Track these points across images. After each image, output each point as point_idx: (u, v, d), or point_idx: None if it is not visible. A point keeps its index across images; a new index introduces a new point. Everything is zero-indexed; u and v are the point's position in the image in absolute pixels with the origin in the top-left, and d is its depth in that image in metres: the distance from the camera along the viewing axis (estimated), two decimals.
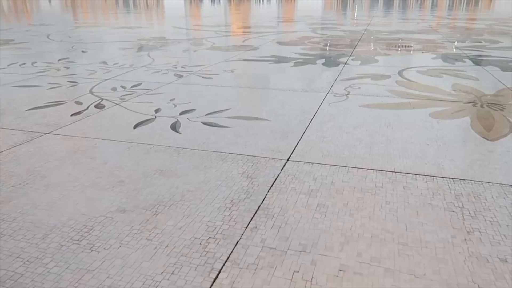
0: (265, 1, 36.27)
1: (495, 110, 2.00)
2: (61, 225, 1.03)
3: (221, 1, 39.12)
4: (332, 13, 13.33)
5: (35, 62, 3.46)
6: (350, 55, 3.76)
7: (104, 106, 2.11)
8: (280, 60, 3.57)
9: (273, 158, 1.44)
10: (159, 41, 5.08)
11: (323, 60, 3.51)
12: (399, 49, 4.37)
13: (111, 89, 2.50)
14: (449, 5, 19.71)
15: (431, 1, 27.89)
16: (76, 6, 24.73)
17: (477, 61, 3.43)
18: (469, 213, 1.08)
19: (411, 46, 4.52)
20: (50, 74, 3.01)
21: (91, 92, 2.42)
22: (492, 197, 1.17)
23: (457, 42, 4.80)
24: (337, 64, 3.30)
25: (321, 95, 2.31)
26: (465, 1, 25.50)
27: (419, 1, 26.53)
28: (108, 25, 8.42)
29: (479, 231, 1.00)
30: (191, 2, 33.36)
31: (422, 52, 4.01)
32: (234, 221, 1.05)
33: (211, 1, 40.83)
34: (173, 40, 5.16)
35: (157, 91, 2.45)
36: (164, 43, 4.84)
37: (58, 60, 3.60)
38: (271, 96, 2.37)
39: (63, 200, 1.16)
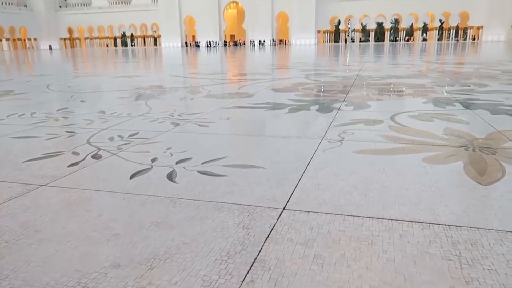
0: (259, 47, 37.51)
1: (487, 154, 2.03)
2: (54, 283, 1.01)
3: (217, 48, 40.45)
4: (324, 59, 13.78)
5: (34, 113, 3.52)
6: (343, 101, 3.86)
7: (101, 156, 2.13)
8: (275, 106, 3.65)
9: (269, 207, 1.44)
10: (156, 89, 5.20)
11: (317, 106, 3.59)
12: (391, 94, 4.49)
13: (109, 138, 2.53)
14: (437, 50, 20.45)
15: (420, 46, 28.96)
16: (76, 55, 25.48)
17: (467, 104, 3.52)
18: (467, 262, 1.07)
19: (402, 91, 4.64)
20: (49, 124, 3.05)
21: (88, 142, 2.45)
22: (489, 244, 1.16)
23: (447, 86, 4.95)
24: (330, 110, 3.37)
25: (315, 142, 2.35)
26: (452, 46, 26.50)
27: (408, 47, 27.54)
28: (107, 74, 8.64)
29: (478, 281, 0.99)
30: (188, 50, 34.46)
31: (413, 97, 4.12)
32: (230, 274, 1.03)
33: (207, 48, 42.23)
34: (170, 88, 5.29)
35: (154, 140, 2.48)
36: (161, 92, 4.95)
37: (57, 110, 3.66)
38: (266, 143, 2.40)
39: (57, 255, 1.15)
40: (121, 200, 1.55)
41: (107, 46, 64.72)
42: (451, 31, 52.65)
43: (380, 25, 57.37)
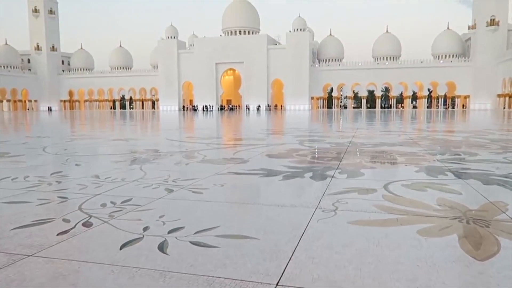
0: (255, 112, 38.56)
1: (481, 226, 2.02)
2: None
3: (213, 112, 41.48)
4: (318, 125, 14.12)
5: (28, 177, 3.51)
6: (337, 168, 3.90)
7: (92, 224, 2.10)
8: (269, 173, 3.68)
9: (261, 283, 1.40)
10: (152, 153, 5.24)
11: (310, 174, 3.61)
12: (384, 162, 4.55)
13: (101, 205, 2.50)
14: (426, 117, 21.11)
15: (410, 113, 29.93)
16: (75, 117, 25.96)
17: (458, 174, 3.57)
18: None
19: (394, 159, 4.72)
20: (41, 189, 3.03)
21: (80, 208, 2.42)
22: None
23: (438, 154, 5.04)
24: (324, 178, 3.40)
25: (309, 211, 2.34)
26: (441, 114, 27.40)
27: (398, 114, 28.46)
28: (104, 137, 8.75)
29: None
30: (185, 113, 35.31)
31: (406, 165, 4.18)
32: None
33: (204, 112, 43.30)
34: (166, 153, 5.34)
35: (147, 207, 2.46)
36: (157, 156, 4.99)
37: (51, 174, 3.66)
38: (260, 211, 2.39)
39: None
40: (109, 273, 1.50)
41: (111, 108, 66.13)
42: (440, 99, 54.75)
43: (371, 92, 59.67)
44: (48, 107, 63.94)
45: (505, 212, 2.30)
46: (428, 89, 56.53)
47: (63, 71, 67.88)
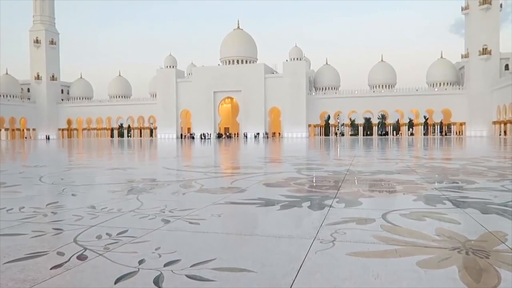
0: (252, 140, 38.67)
1: (481, 257, 2.00)
2: None
3: (211, 140, 41.56)
4: (315, 153, 14.14)
5: (23, 207, 3.47)
6: (335, 197, 3.88)
7: (86, 257, 2.06)
8: (267, 203, 3.65)
9: None
10: (149, 183, 5.22)
11: (308, 203, 3.60)
12: (382, 190, 4.54)
13: (96, 237, 2.47)
14: (423, 145, 21.21)
15: (406, 141, 30.09)
16: (73, 145, 25.95)
17: (457, 203, 3.56)
18: None
19: (392, 187, 4.71)
20: (36, 220, 3.00)
21: (75, 240, 2.39)
22: None
23: (436, 182, 5.04)
24: (322, 207, 3.38)
25: (307, 242, 2.31)
26: (438, 141, 27.56)
27: (395, 141, 28.61)
28: (102, 166, 8.72)
29: None
30: (182, 141, 35.37)
31: (403, 194, 4.17)
32: None
33: (202, 140, 43.38)
34: (163, 182, 5.32)
35: (143, 238, 2.43)
36: (154, 185, 4.96)
37: (47, 205, 3.62)
38: (257, 243, 2.36)
39: None
40: None
41: (111, 136, 66.23)
42: (436, 126, 55.19)
43: (368, 120, 60.16)
44: (46, 136, 64.03)
45: (505, 243, 2.28)
46: (424, 116, 57.09)
47: (62, 100, 68.40)
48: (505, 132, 44.63)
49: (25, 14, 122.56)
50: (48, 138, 60.94)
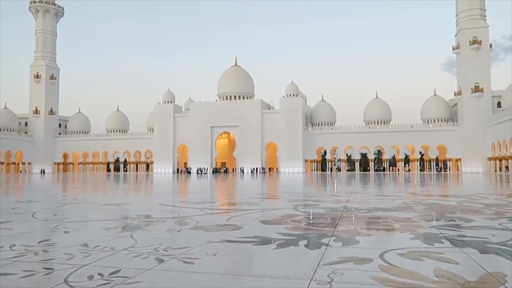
0: (249, 175, 38.49)
1: None
2: None
3: (208, 175, 41.34)
4: (312, 189, 14.07)
5: (14, 245, 3.40)
6: (332, 235, 3.83)
7: None
8: (263, 241, 3.60)
9: None
10: (144, 219, 5.15)
11: (305, 241, 3.54)
12: (379, 228, 4.49)
13: (88, 277, 2.41)
14: (420, 181, 21.19)
15: (403, 177, 30.07)
16: (68, 180, 25.69)
17: (454, 242, 3.52)
18: None
19: (390, 225, 4.66)
20: (27, 259, 2.93)
21: (65, 281, 2.32)
22: None
23: (433, 220, 5.00)
24: (319, 246, 3.33)
25: (304, 283, 2.26)
26: (434, 177, 27.55)
27: (392, 177, 28.57)
28: (96, 201, 8.62)
29: None
30: (179, 176, 35.14)
31: (401, 232, 4.13)
32: None
33: (198, 175, 43.14)
34: (158, 219, 5.24)
35: (136, 279, 2.37)
36: (148, 222, 4.89)
37: (38, 243, 3.55)
38: (252, 284, 2.31)
39: None
40: None
41: (107, 170, 65.90)
42: (432, 162, 55.37)
43: (364, 155, 60.35)
44: (41, 170, 63.63)
45: (504, 284, 2.24)
46: (420, 152, 57.41)
47: (60, 134, 68.51)
48: (500, 168, 44.86)
49: (26, 50, 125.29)
50: (43, 172, 60.50)
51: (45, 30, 67.65)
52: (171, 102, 63.96)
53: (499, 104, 50.67)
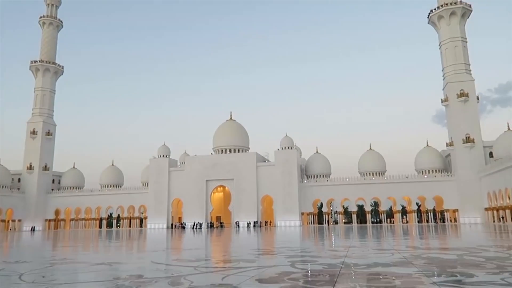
0: (245, 229, 37.62)
1: None
2: None
3: (203, 230, 40.38)
4: (309, 243, 13.76)
5: None
6: None
7: None
8: None
9: None
10: (135, 280, 4.96)
11: None
12: (379, 286, 4.36)
13: None
14: (418, 233, 20.84)
15: (401, 229, 29.59)
16: (59, 238, 24.96)
17: None
18: None
19: (390, 283, 4.53)
20: None
21: None
22: None
23: (434, 276, 4.87)
24: None
25: None
26: (433, 229, 27.14)
27: (390, 229, 28.08)
28: (87, 260, 8.32)
29: None
30: (173, 232, 34.29)
31: None
32: None
33: (193, 230, 42.13)
34: (150, 279, 5.06)
35: None
36: (140, 283, 4.71)
37: None
38: None
39: None
40: None
41: (99, 227, 64.39)
42: (429, 213, 54.84)
43: (361, 207, 59.76)
44: (32, 227, 62.04)
45: None
46: (417, 203, 57.07)
47: (52, 189, 67.66)
48: (498, 218, 44.41)
49: (21, 106, 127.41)
50: (33, 230, 58.94)
51: (44, 88, 69.24)
52: (166, 156, 64.11)
53: (491, 154, 51.29)
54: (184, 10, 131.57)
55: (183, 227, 55.38)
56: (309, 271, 5.64)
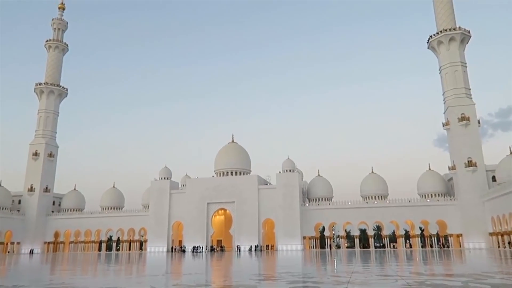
0: (246, 253, 37.09)
1: None
2: None
3: (203, 253, 39.78)
4: (311, 268, 13.53)
5: None
6: None
7: None
8: None
9: None
10: None
11: None
12: None
13: None
14: (422, 258, 20.50)
15: (404, 254, 29.12)
16: (57, 261, 24.61)
17: None
18: None
19: None
20: None
21: None
22: None
23: None
24: None
25: None
26: (437, 254, 26.71)
27: (393, 254, 27.64)
28: (85, 285, 8.20)
29: None
30: (173, 255, 33.81)
31: None
32: None
33: (194, 253, 41.49)
34: None
35: None
36: None
37: None
38: None
39: None
40: None
41: (99, 250, 63.59)
42: (433, 238, 54.11)
43: (363, 231, 59.07)
44: (30, 250, 61.31)
45: None
46: (420, 228, 56.29)
47: (53, 211, 67.18)
48: (503, 243, 43.67)
49: (23, 128, 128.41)
50: (32, 252, 58.26)
51: (47, 110, 69.80)
52: (167, 178, 63.90)
53: (493, 178, 50.93)
54: (185, 35, 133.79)
55: (183, 251, 54.68)
56: None
